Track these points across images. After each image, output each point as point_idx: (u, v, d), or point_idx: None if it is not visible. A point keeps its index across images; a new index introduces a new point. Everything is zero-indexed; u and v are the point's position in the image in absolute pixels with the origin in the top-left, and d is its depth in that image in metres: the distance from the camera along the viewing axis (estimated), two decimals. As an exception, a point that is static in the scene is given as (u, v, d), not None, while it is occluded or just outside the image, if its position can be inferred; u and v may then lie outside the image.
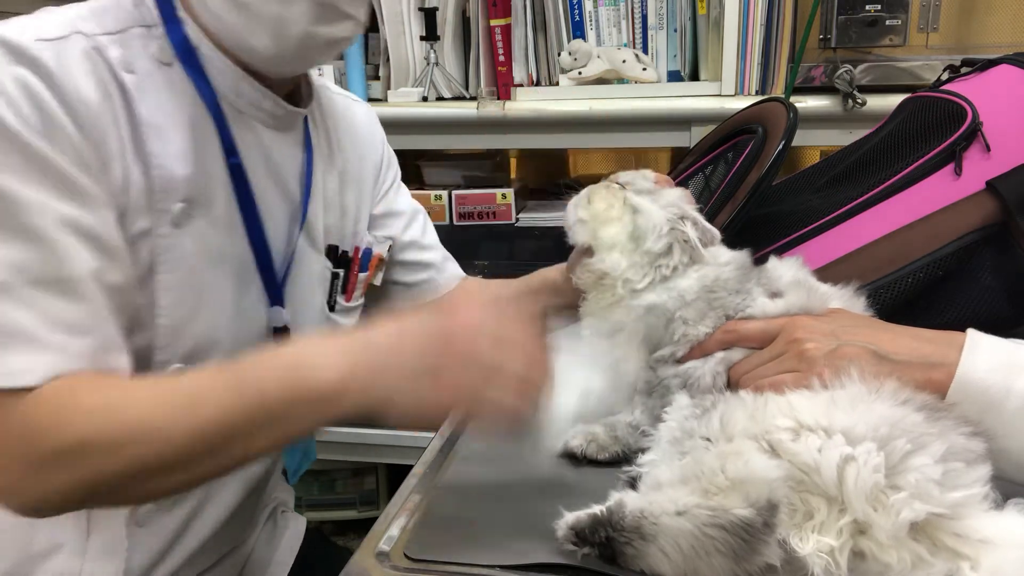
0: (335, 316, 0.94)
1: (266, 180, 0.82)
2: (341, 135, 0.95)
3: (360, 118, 1.01)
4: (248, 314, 0.81)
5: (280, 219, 0.84)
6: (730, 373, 0.70)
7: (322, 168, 0.90)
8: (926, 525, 0.52)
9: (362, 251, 0.97)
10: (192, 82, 0.76)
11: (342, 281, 0.95)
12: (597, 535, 0.56)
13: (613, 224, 0.76)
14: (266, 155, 0.82)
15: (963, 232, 0.80)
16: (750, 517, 0.52)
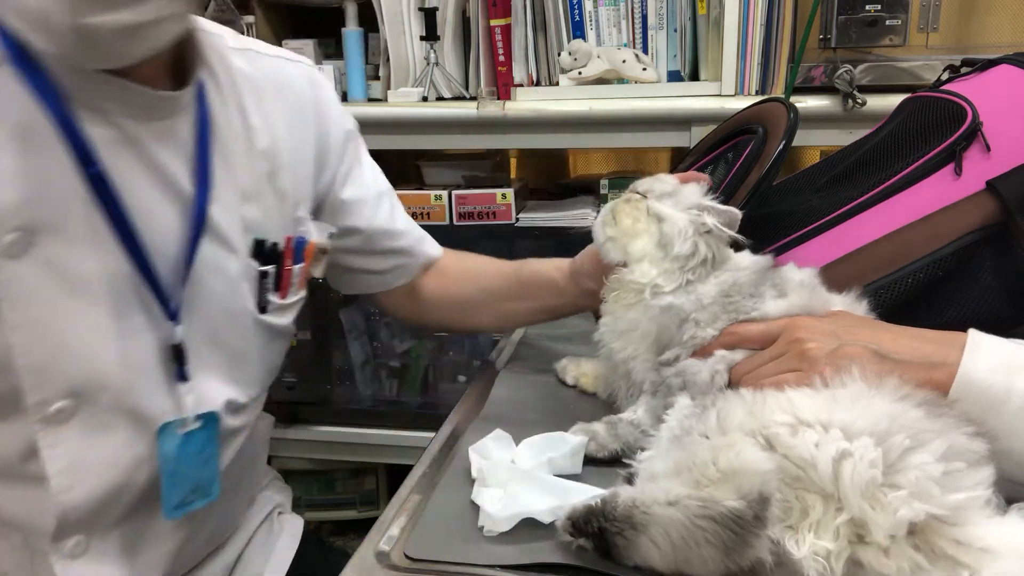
0: (267, 318, 0.84)
1: (143, 182, 0.71)
2: (268, 106, 0.83)
3: (298, 84, 0.88)
4: (138, 337, 0.72)
5: (168, 223, 0.73)
6: (731, 373, 0.70)
7: (236, 151, 0.79)
8: (925, 531, 0.52)
9: (295, 241, 0.86)
10: (27, 86, 0.64)
11: (273, 278, 0.84)
12: (590, 525, 0.56)
13: (641, 237, 0.78)
14: (140, 153, 0.71)
15: (963, 232, 0.80)
16: (740, 509, 0.52)
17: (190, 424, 0.76)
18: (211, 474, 0.79)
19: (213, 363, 0.79)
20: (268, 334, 0.85)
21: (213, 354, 0.78)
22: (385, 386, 2.03)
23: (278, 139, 0.83)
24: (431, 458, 0.77)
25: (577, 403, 0.87)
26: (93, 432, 0.70)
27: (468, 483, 0.68)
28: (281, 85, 0.85)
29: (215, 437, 0.79)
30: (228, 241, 0.78)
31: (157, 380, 0.74)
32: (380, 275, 1.01)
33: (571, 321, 1.14)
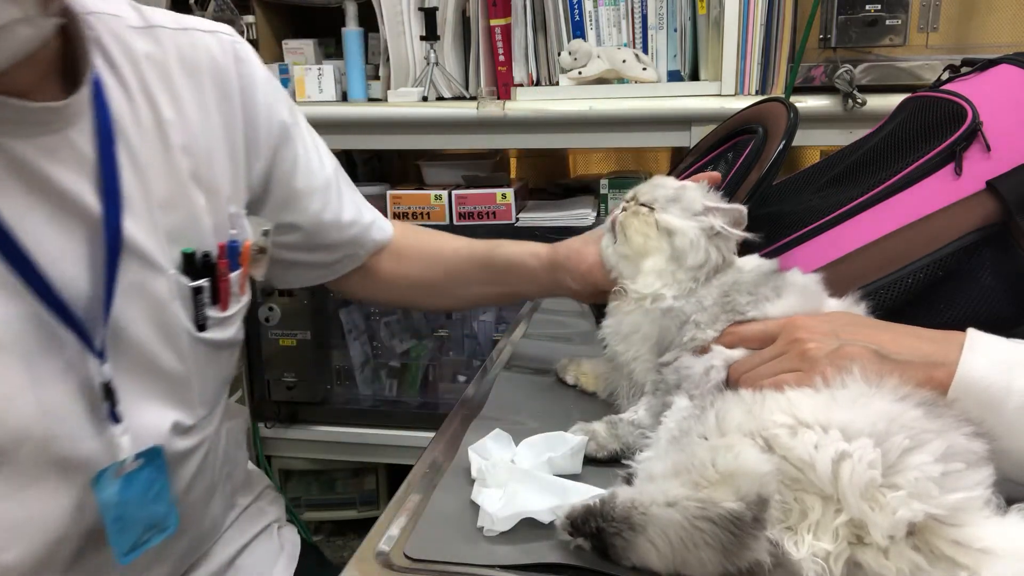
0: (208, 335, 0.76)
1: (39, 208, 0.62)
2: (181, 92, 0.73)
3: (218, 58, 0.76)
4: (57, 382, 0.65)
5: (76, 251, 0.65)
6: (730, 371, 0.70)
7: (149, 153, 0.69)
8: (924, 531, 0.52)
9: (228, 246, 0.77)
10: None
11: (210, 292, 0.75)
12: (589, 525, 0.56)
13: (652, 255, 0.78)
14: (30, 175, 0.62)
15: (963, 232, 0.80)
16: (739, 511, 0.52)
17: (129, 466, 0.69)
18: (164, 508, 0.73)
19: (152, 393, 0.72)
20: (211, 351, 0.78)
21: (150, 384, 0.72)
22: (385, 386, 2.03)
23: (197, 130, 0.74)
24: (431, 458, 0.77)
25: (577, 403, 0.87)
26: (18, 490, 0.64)
27: (468, 483, 0.68)
28: (196, 63, 0.75)
29: (163, 469, 0.72)
30: (151, 259, 0.70)
31: (85, 425, 0.67)
32: (326, 267, 0.95)
33: (571, 321, 1.14)
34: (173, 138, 0.72)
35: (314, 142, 0.91)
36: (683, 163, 1.16)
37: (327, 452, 1.93)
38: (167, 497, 0.73)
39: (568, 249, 0.88)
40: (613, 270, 0.81)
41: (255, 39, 1.84)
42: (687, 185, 0.80)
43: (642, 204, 0.80)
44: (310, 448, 1.93)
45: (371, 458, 1.94)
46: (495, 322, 1.95)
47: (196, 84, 0.75)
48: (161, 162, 0.71)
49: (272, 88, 0.83)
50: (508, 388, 0.91)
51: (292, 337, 1.85)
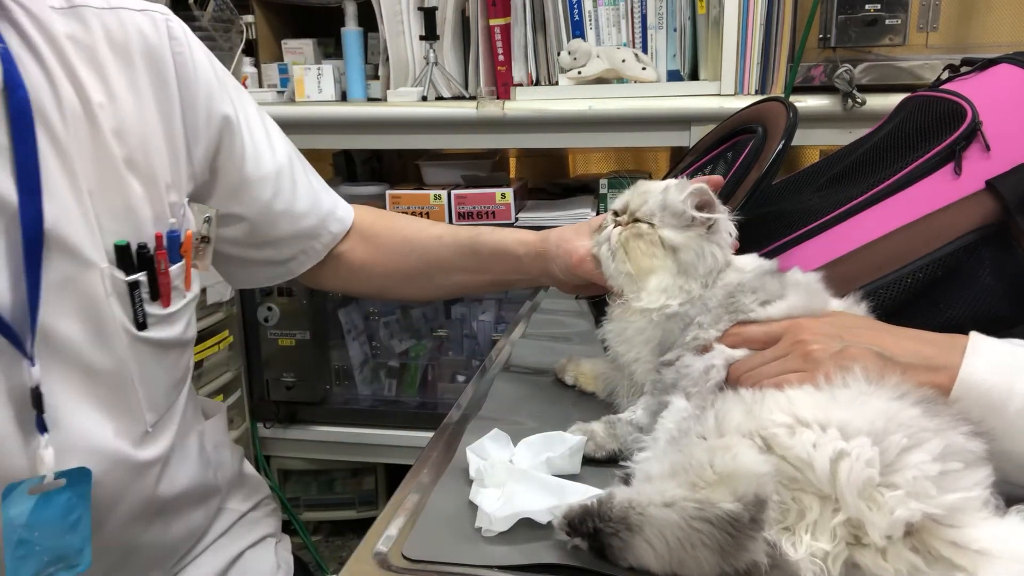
0: (150, 333, 0.71)
1: None
2: (111, 75, 0.68)
3: (150, 39, 0.72)
4: None
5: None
6: (731, 371, 0.70)
7: (74, 138, 0.65)
8: (922, 532, 0.52)
9: (166, 237, 0.71)
10: None
11: (147, 287, 0.70)
12: (586, 525, 0.56)
13: (658, 273, 0.76)
14: None
15: (963, 232, 0.79)
16: (736, 511, 0.52)
17: (49, 484, 0.63)
18: (80, 541, 0.66)
19: (87, 401, 0.67)
20: (155, 352, 0.72)
21: (87, 388, 0.67)
22: (384, 386, 2.03)
23: (130, 114, 0.69)
24: (430, 458, 0.76)
25: (577, 403, 0.87)
26: None
27: (466, 483, 0.67)
28: (126, 43, 0.70)
29: (86, 496, 0.66)
30: (78, 252, 0.65)
31: (8, 436, 0.62)
32: (279, 264, 0.89)
33: (571, 321, 1.14)
34: (103, 122, 0.67)
35: (264, 125, 0.85)
36: (683, 163, 1.16)
37: (326, 452, 1.92)
38: (85, 529, 0.66)
39: (559, 239, 0.85)
40: (612, 282, 0.79)
41: (255, 39, 1.84)
42: (668, 186, 0.78)
43: (638, 220, 0.77)
44: (309, 448, 1.93)
45: (370, 458, 1.94)
46: (495, 322, 1.95)
47: (127, 65, 0.70)
48: (90, 148, 0.66)
49: (212, 68, 0.78)
50: (507, 388, 0.91)
51: (291, 337, 1.85)
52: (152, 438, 0.74)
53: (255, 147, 0.82)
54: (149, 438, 0.73)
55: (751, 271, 0.76)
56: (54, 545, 0.65)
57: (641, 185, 0.81)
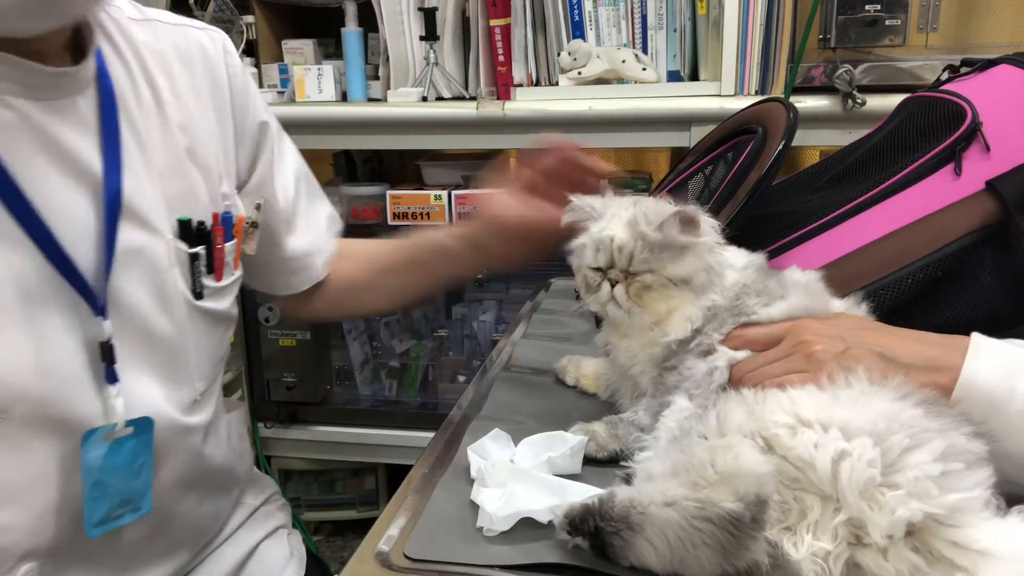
0: (205, 303, 0.78)
1: (46, 167, 0.66)
2: (180, 78, 0.78)
3: (210, 53, 0.82)
4: (58, 340, 0.66)
5: (79, 209, 0.67)
6: (733, 371, 0.69)
7: (149, 126, 0.74)
8: (923, 532, 0.52)
9: (221, 217, 0.79)
10: None
11: (206, 260, 0.78)
12: (587, 524, 0.56)
13: (681, 308, 0.72)
14: (40, 135, 0.65)
15: (963, 232, 0.80)
16: (738, 511, 0.52)
17: (119, 431, 0.69)
18: (143, 486, 0.73)
19: (147, 360, 0.73)
20: (207, 321, 0.80)
21: (146, 350, 0.73)
22: (384, 386, 2.03)
23: (193, 112, 0.79)
24: (431, 458, 0.77)
25: (577, 403, 0.87)
26: (16, 449, 0.65)
27: (467, 483, 0.68)
28: (190, 55, 0.80)
29: (149, 444, 0.72)
30: (150, 223, 0.72)
31: (83, 384, 0.68)
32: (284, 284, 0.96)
33: (571, 321, 1.14)
34: (171, 115, 0.76)
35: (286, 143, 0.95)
36: (683, 163, 1.16)
37: (327, 452, 1.93)
38: (148, 475, 0.73)
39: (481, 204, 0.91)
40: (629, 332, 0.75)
41: (255, 39, 1.85)
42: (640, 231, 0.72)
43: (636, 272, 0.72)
44: (310, 448, 1.93)
45: (371, 458, 1.94)
46: (495, 322, 1.95)
47: (190, 72, 0.80)
48: (160, 135, 0.75)
49: (253, 85, 0.89)
50: (508, 388, 0.91)
51: (292, 337, 1.85)
52: (199, 406, 0.80)
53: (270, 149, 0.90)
54: (196, 406, 0.79)
55: (744, 268, 0.76)
56: (122, 488, 0.71)
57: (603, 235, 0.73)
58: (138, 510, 0.73)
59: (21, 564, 0.66)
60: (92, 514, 0.69)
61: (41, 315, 0.65)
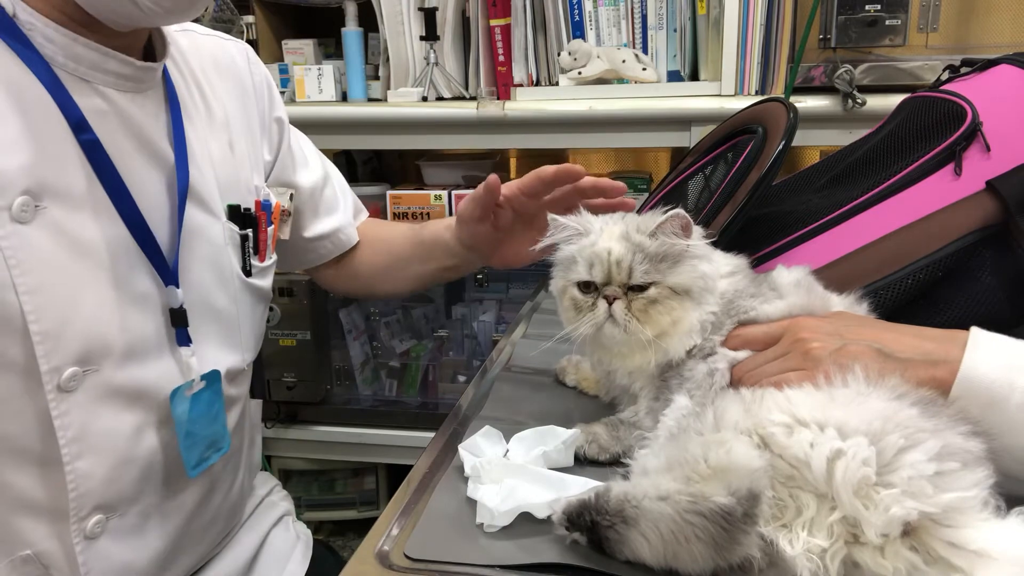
0: (253, 280, 0.88)
1: (131, 150, 0.74)
2: (216, 82, 0.88)
3: (238, 60, 0.93)
4: (139, 302, 0.74)
5: (156, 190, 0.76)
6: (732, 371, 0.70)
7: (200, 122, 0.83)
8: (919, 531, 0.52)
9: (262, 204, 0.89)
10: (16, 56, 0.66)
11: (253, 242, 0.88)
12: (583, 519, 0.56)
13: (684, 319, 0.70)
14: (126, 122, 0.74)
15: (963, 232, 0.80)
16: (730, 505, 0.52)
17: (197, 385, 0.78)
18: (221, 428, 0.83)
19: (207, 328, 0.81)
20: (254, 297, 0.89)
21: (206, 319, 0.81)
22: (385, 386, 2.03)
23: (229, 111, 0.88)
24: (431, 458, 0.77)
25: (577, 403, 0.87)
26: (99, 400, 0.71)
27: (465, 482, 0.68)
28: (222, 62, 0.90)
29: (220, 393, 0.82)
30: (209, 206, 0.82)
31: (160, 345, 0.76)
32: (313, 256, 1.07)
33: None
34: (215, 113, 0.86)
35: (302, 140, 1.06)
36: (683, 163, 1.16)
37: (327, 452, 1.92)
38: (223, 418, 0.83)
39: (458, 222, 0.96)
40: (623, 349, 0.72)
41: (255, 39, 1.84)
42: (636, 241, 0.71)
43: (639, 286, 0.70)
44: (310, 448, 1.93)
45: (371, 458, 1.94)
46: (495, 322, 1.95)
47: (222, 75, 0.89)
48: (208, 130, 0.84)
49: (275, 88, 0.99)
50: (508, 388, 0.91)
51: (292, 337, 1.85)
52: (242, 378, 0.89)
53: (288, 142, 1.00)
54: (241, 377, 0.89)
55: (732, 272, 0.75)
56: (206, 433, 0.81)
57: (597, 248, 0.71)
58: (220, 449, 0.83)
59: (93, 514, 0.73)
60: (189, 459, 0.79)
61: (126, 278, 0.73)
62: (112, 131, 0.72)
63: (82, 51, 0.70)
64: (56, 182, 0.68)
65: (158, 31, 0.79)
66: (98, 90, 0.72)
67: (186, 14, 0.73)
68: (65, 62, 0.69)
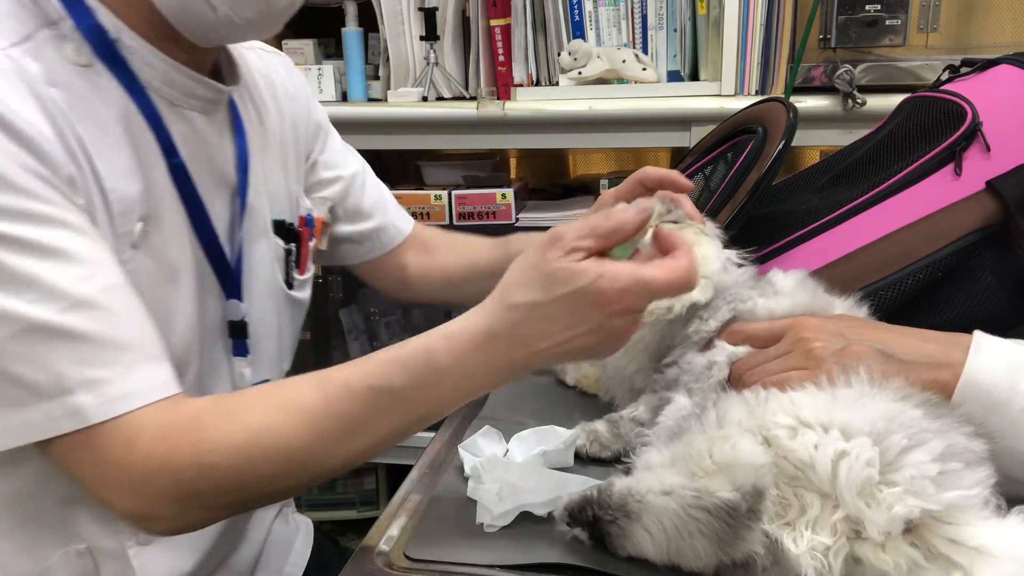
0: (294, 293, 0.90)
1: (206, 173, 0.76)
2: (263, 95, 0.88)
3: (280, 72, 0.93)
4: (208, 315, 0.77)
5: (222, 210, 0.78)
6: (733, 368, 0.70)
7: (256, 140, 0.84)
8: (921, 529, 0.52)
9: (305, 219, 0.91)
10: (118, 81, 0.67)
11: (295, 256, 0.90)
12: (585, 514, 0.56)
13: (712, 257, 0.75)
14: (203, 144, 0.75)
15: (963, 232, 0.80)
16: (734, 501, 0.52)
17: None
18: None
19: (256, 339, 0.83)
20: (294, 308, 0.91)
21: (258, 331, 0.83)
22: (385, 386, 2.02)
23: (278, 127, 0.89)
24: (431, 458, 0.77)
25: (577, 403, 0.87)
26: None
27: (466, 482, 0.68)
28: (269, 76, 0.90)
29: None
30: (263, 222, 0.84)
31: (222, 357, 0.79)
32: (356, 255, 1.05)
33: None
34: (268, 128, 0.87)
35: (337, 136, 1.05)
36: (683, 163, 1.16)
37: (327, 452, 1.92)
38: None
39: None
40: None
41: (255, 39, 1.84)
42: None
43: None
44: (310, 448, 1.93)
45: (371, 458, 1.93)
46: (495, 322, 1.95)
47: (271, 91, 0.89)
48: (262, 146, 0.85)
49: (313, 96, 0.99)
50: (508, 388, 0.91)
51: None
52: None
53: (330, 148, 1.00)
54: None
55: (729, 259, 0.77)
56: None
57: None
58: None
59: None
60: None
61: (202, 296, 0.75)
62: (191, 153, 0.73)
63: (177, 76, 0.71)
64: (155, 207, 0.70)
65: (226, 51, 0.80)
66: (184, 114, 0.73)
67: (268, 30, 0.73)
68: (159, 87, 0.71)
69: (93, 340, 0.59)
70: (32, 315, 0.57)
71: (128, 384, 0.60)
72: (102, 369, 0.59)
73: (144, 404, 0.60)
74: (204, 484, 0.61)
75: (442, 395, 0.60)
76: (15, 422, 0.59)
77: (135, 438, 0.59)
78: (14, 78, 0.60)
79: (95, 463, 0.60)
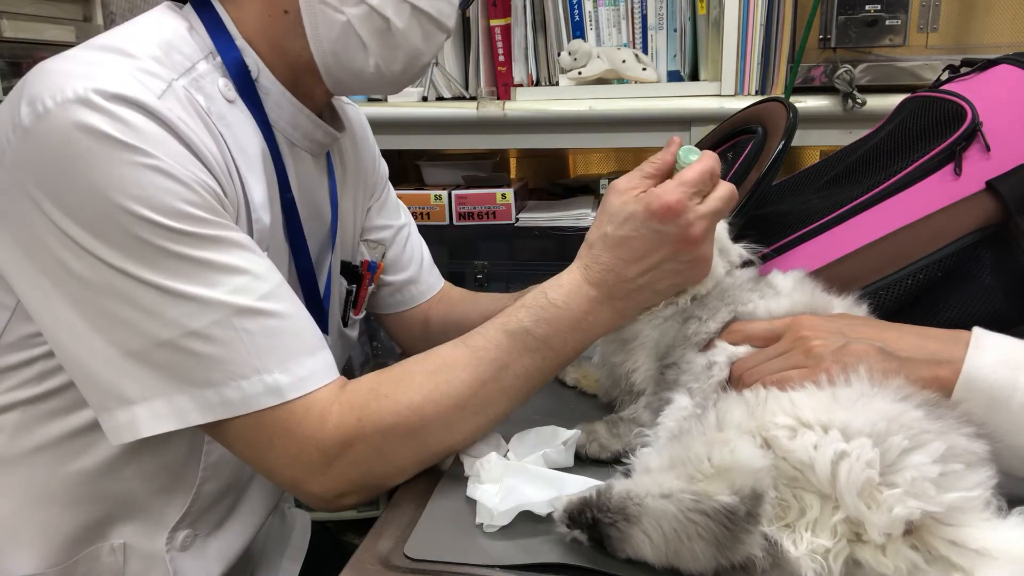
0: (347, 331, 0.94)
1: (307, 209, 0.80)
2: (347, 143, 0.92)
3: (353, 120, 0.97)
4: None
5: (315, 247, 0.82)
6: (733, 368, 0.70)
7: (339, 182, 0.88)
8: (921, 530, 0.52)
9: (369, 264, 0.96)
10: (253, 119, 0.72)
11: (354, 296, 0.94)
12: (584, 516, 0.56)
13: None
14: (306, 182, 0.80)
15: (963, 232, 0.80)
16: (733, 504, 0.52)
17: None
18: None
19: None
20: (346, 345, 0.95)
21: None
22: (385, 386, 2.02)
23: (352, 172, 0.93)
24: (431, 458, 0.76)
25: (577, 403, 0.87)
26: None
27: (466, 482, 0.68)
28: (348, 123, 0.92)
29: None
30: (337, 263, 0.88)
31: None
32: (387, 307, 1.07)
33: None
34: (348, 173, 0.91)
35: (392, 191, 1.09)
36: (683, 163, 1.16)
37: (327, 452, 1.92)
38: None
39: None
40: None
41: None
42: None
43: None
44: (310, 448, 1.93)
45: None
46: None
47: (351, 138, 0.93)
48: (342, 188, 0.89)
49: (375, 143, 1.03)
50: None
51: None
52: None
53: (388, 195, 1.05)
54: None
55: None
56: None
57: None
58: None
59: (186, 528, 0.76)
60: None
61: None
62: (299, 192, 0.77)
63: (302, 120, 0.76)
64: (269, 239, 0.74)
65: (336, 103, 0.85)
66: (298, 154, 0.78)
67: (398, 87, 0.78)
68: (285, 127, 0.75)
69: (281, 326, 0.64)
70: (232, 302, 0.62)
71: (311, 364, 0.65)
72: (290, 351, 0.64)
73: (326, 383, 0.66)
74: (394, 446, 0.65)
75: (564, 330, 0.69)
76: (213, 400, 0.62)
77: (325, 412, 0.64)
78: (188, 106, 0.65)
79: (291, 440, 0.64)
